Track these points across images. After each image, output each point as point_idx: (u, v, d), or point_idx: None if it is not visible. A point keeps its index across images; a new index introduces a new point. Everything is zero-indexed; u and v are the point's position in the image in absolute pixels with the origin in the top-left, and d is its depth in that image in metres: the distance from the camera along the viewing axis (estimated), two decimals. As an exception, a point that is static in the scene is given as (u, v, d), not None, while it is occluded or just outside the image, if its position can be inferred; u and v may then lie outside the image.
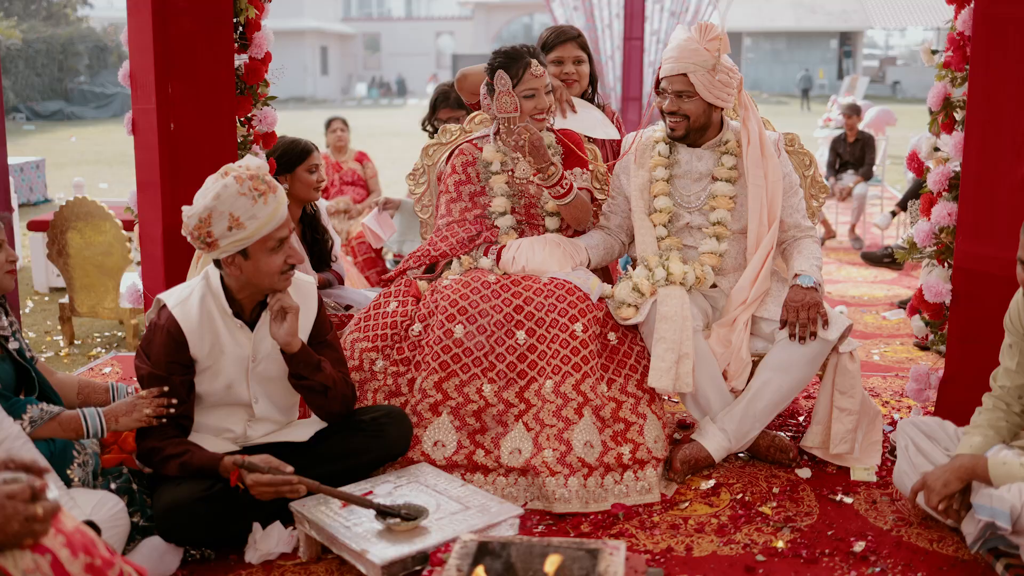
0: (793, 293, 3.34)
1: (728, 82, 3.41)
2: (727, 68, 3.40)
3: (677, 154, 3.57)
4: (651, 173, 3.58)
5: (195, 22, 3.51)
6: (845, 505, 3.15)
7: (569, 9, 10.89)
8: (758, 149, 3.43)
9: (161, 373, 2.84)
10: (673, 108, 3.46)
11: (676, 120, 3.48)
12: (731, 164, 3.49)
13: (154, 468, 2.85)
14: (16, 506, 1.64)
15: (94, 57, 30.76)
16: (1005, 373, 2.93)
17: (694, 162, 3.55)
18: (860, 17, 35.56)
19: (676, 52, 3.43)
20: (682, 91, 3.44)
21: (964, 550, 2.84)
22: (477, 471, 3.17)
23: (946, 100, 3.40)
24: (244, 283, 2.86)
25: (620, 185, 3.69)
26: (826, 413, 3.41)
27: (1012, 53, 3.11)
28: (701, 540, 2.92)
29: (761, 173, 3.42)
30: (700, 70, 3.39)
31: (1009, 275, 3.16)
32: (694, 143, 3.54)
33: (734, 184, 3.49)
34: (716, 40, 3.39)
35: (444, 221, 3.63)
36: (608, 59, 10.62)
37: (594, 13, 10.80)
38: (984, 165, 3.21)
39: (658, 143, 3.59)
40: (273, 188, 2.78)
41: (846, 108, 10.03)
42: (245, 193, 2.72)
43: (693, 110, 3.45)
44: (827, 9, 35.87)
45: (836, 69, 37.36)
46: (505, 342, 3.28)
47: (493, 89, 3.53)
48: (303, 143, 4.05)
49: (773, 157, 3.45)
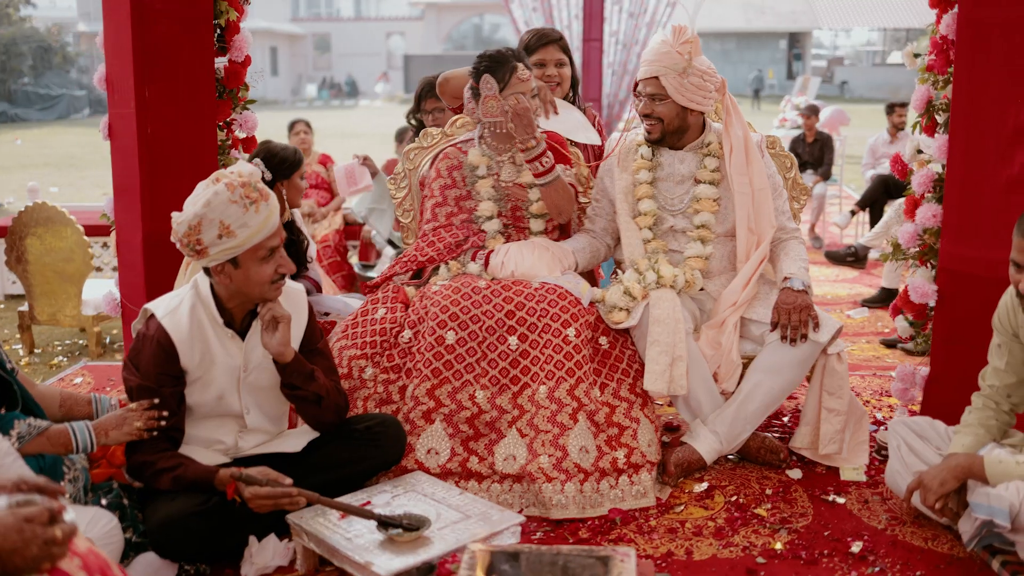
0: (784, 296, 3.35)
1: (703, 85, 3.42)
2: (701, 71, 3.41)
3: (660, 157, 3.58)
4: (634, 176, 3.58)
5: (174, 24, 3.44)
6: (838, 505, 3.18)
7: (528, 10, 10.89)
8: (742, 155, 3.45)
9: (151, 385, 2.77)
10: (647, 111, 3.48)
11: (651, 123, 3.49)
12: (714, 166, 3.50)
13: (145, 482, 2.78)
14: (35, 529, 1.59)
15: (38, 58, 30.11)
16: (994, 372, 2.97)
17: (676, 165, 3.56)
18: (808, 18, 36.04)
19: (650, 55, 3.45)
20: (655, 94, 3.45)
21: (958, 548, 2.87)
22: (471, 478, 3.14)
23: (929, 103, 3.44)
24: (234, 292, 2.80)
25: (604, 188, 3.68)
26: (814, 414, 3.43)
27: (995, 56, 3.15)
28: (700, 543, 2.92)
29: (746, 180, 3.44)
30: (671, 73, 3.40)
31: (993, 276, 3.22)
32: (675, 146, 3.55)
33: (717, 186, 3.50)
34: (688, 43, 3.40)
35: (430, 226, 3.60)
36: (567, 60, 10.62)
37: (553, 14, 10.80)
38: (968, 167, 3.25)
39: (640, 146, 3.60)
40: (265, 196, 2.72)
41: (805, 109, 10.16)
42: (236, 201, 2.66)
43: (666, 113, 3.46)
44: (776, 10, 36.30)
45: (785, 69, 37.84)
46: (497, 348, 3.26)
47: (478, 93, 3.51)
48: (294, 149, 4.01)
49: (758, 162, 3.47)
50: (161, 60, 3.44)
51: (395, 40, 45.75)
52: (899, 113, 9.44)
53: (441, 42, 42.85)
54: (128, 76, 3.39)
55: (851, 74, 37.64)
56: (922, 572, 2.74)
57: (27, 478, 1.70)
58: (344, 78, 43.44)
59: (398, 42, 45.55)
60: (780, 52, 37.96)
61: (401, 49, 44.31)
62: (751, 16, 35.88)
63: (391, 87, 40.46)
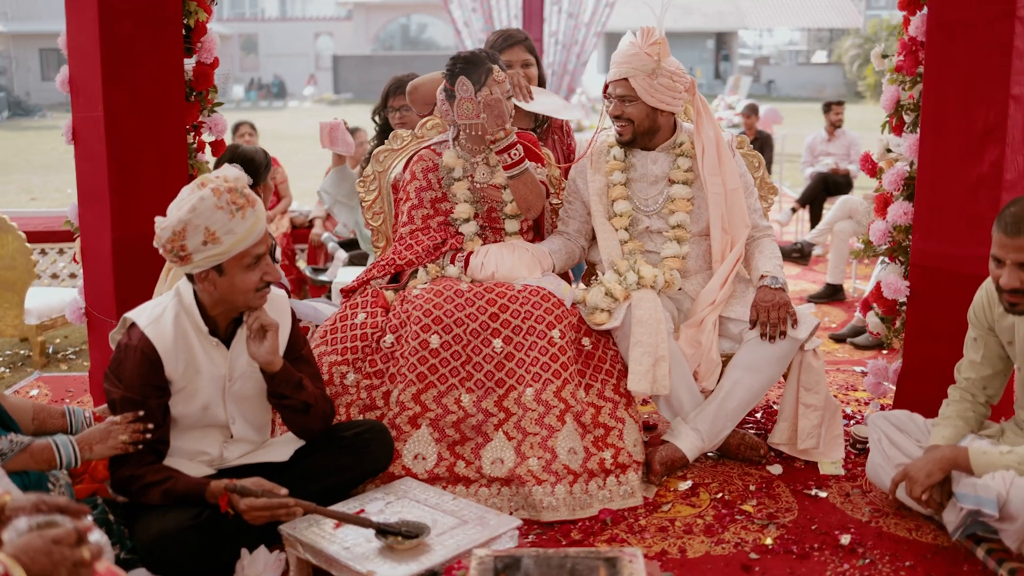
0: (763, 294, 3.40)
1: (672, 86, 3.45)
2: (670, 72, 3.44)
3: (632, 158, 3.60)
4: (608, 177, 3.60)
5: (142, 25, 3.35)
6: (821, 499, 3.23)
7: (467, 11, 10.87)
8: (714, 155, 3.48)
9: (135, 397, 2.70)
10: (617, 112, 3.50)
11: (622, 125, 3.52)
12: (687, 166, 3.53)
13: (132, 497, 2.70)
14: (63, 551, 1.53)
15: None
16: (970, 365, 3.04)
17: (649, 165, 3.58)
18: (735, 18, 36.61)
19: (619, 57, 3.47)
20: (624, 95, 3.47)
21: (942, 537, 2.94)
22: (459, 483, 3.12)
23: (898, 103, 3.51)
24: (218, 299, 2.74)
25: (577, 189, 3.69)
26: (792, 410, 3.48)
27: (964, 57, 3.23)
28: (692, 541, 2.94)
29: (719, 180, 3.48)
30: (640, 74, 3.42)
31: (964, 271, 3.31)
32: (647, 146, 3.58)
33: (690, 186, 3.53)
34: (656, 45, 3.44)
35: (407, 229, 3.56)
36: (507, 60, 10.63)
37: (492, 15, 10.80)
38: (938, 165, 3.33)
39: (612, 147, 3.62)
40: (252, 202, 2.66)
41: (745, 108, 10.33)
42: (223, 207, 2.60)
43: (636, 114, 3.48)
44: (703, 10, 36.80)
45: (713, 69, 38.39)
46: (482, 351, 3.24)
47: (453, 95, 3.48)
48: (263, 150, 3.94)
49: (731, 162, 3.51)
50: (129, 61, 3.35)
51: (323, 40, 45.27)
52: (835, 111, 9.65)
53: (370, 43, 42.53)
54: (95, 78, 3.29)
55: (777, 73, 38.35)
56: (911, 562, 2.80)
57: (46, 498, 1.64)
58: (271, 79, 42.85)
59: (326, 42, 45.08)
60: (707, 52, 38.50)
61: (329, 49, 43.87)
62: (678, 16, 36.29)
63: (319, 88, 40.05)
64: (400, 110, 4.59)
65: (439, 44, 49.72)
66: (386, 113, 4.69)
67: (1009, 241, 2.61)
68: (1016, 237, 2.60)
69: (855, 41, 32.48)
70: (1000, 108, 3.16)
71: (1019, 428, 2.96)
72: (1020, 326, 2.85)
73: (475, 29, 10.87)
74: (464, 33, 11.00)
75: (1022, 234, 2.59)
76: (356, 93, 36.22)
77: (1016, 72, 3.14)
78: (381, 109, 4.70)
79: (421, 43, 50.62)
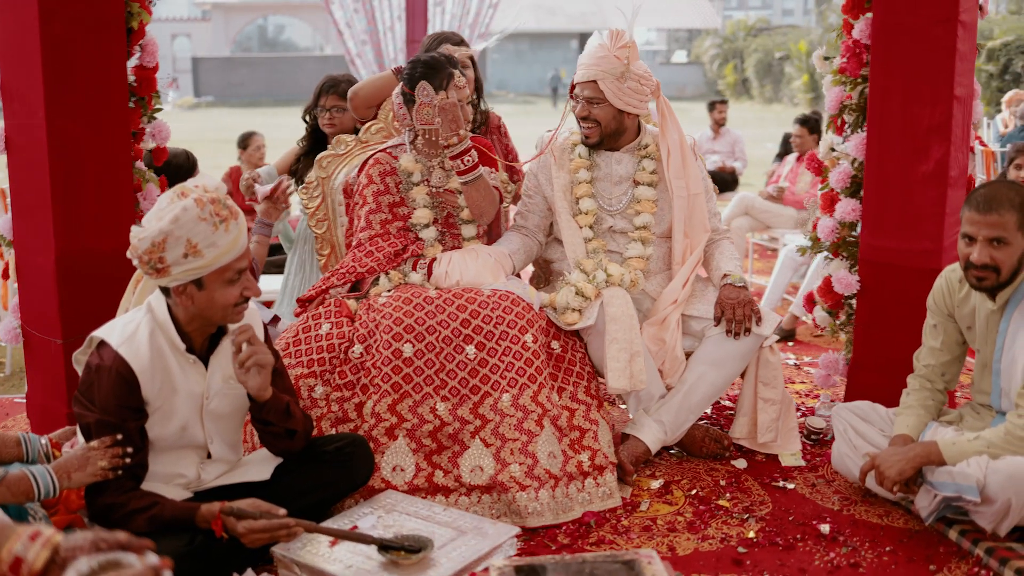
0: (727, 291, 3.46)
1: (639, 89, 3.49)
2: (638, 75, 3.47)
3: (596, 157, 3.62)
4: (573, 175, 3.60)
5: (82, 27, 3.15)
6: (790, 491, 3.31)
7: (349, 11, 10.70)
8: (679, 159, 3.53)
9: (112, 420, 2.54)
10: (584, 113, 3.52)
11: (589, 127, 3.53)
12: (652, 168, 3.57)
13: (113, 526, 2.54)
14: (142, 593, 1.43)
15: None
16: (929, 352, 3.18)
17: (613, 165, 3.61)
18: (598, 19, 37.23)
19: (588, 59, 3.48)
20: (592, 97, 3.49)
21: (913, 521, 3.06)
22: (438, 493, 3.07)
23: (841, 104, 3.64)
24: (194, 314, 2.61)
25: (539, 184, 3.68)
26: (751, 405, 3.56)
27: (907, 59, 3.38)
28: (678, 539, 2.97)
29: (683, 184, 3.53)
30: (609, 77, 3.44)
31: (911, 265, 3.47)
32: (612, 147, 3.60)
33: (655, 188, 3.57)
34: (625, 48, 3.46)
35: (366, 235, 3.48)
36: (391, 62, 10.54)
37: (375, 15, 10.68)
38: (885, 163, 3.46)
39: (577, 145, 3.63)
40: (235, 214, 2.55)
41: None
42: (206, 218, 2.48)
43: (603, 116, 3.50)
44: (566, 11, 37.31)
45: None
46: (455, 358, 3.20)
47: (412, 99, 3.42)
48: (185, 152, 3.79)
49: (694, 166, 3.57)
50: (71, 65, 3.14)
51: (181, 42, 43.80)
52: (719, 110, 9.96)
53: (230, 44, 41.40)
54: (35, 83, 3.08)
55: (638, 73, 39.18)
56: (891, 547, 2.90)
57: (104, 535, 1.52)
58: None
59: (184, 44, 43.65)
60: (571, 52, 39.03)
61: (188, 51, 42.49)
62: (542, 17, 36.72)
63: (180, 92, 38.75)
64: (331, 110, 4.45)
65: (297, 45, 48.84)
66: (316, 112, 4.54)
67: (981, 218, 2.79)
68: (988, 214, 2.78)
69: (715, 41, 33.55)
70: (945, 108, 3.31)
71: (976, 413, 3.11)
72: (980, 310, 3.00)
73: (357, 30, 10.71)
74: (346, 34, 10.82)
75: (993, 211, 2.78)
76: (217, 96, 35.19)
77: (959, 74, 3.30)
78: (312, 109, 4.56)
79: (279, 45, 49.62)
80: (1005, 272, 2.83)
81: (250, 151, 7.70)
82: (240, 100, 31.73)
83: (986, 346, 3.01)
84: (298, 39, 49.20)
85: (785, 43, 30.11)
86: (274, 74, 35.12)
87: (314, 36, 45.25)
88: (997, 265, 2.82)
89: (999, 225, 2.78)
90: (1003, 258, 2.81)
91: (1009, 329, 2.91)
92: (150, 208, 3.54)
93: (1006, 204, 2.79)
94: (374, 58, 10.67)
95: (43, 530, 1.51)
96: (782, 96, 30.64)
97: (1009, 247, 2.80)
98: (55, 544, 1.52)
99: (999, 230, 2.78)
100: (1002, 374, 2.96)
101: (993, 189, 2.83)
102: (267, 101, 32.45)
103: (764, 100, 31.64)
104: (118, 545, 1.52)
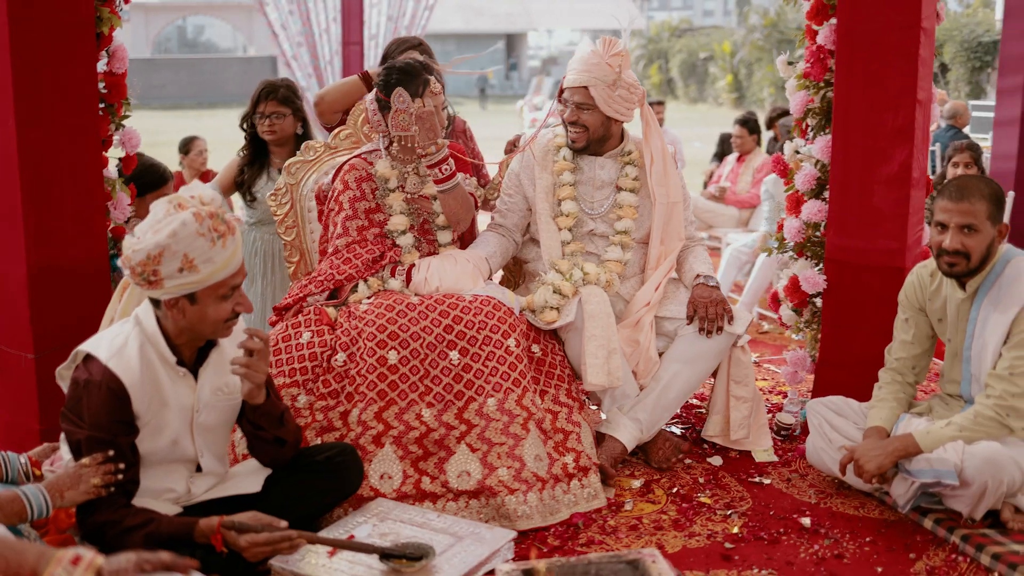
0: (700, 291, 3.53)
1: (628, 97, 3.54)
2: (628, 84, 3.52)
3: (580, 161, 3.65)
4: (557, 177, 3.63)
5: (53, 32, 3.07)
6: (767, 486, 3.39)
7: (284, 13, 10.58)
8: (661, 168, 3.59)
9: (103, 436, 2.50)
10: (573, 118, 3.54)
11: (577, 132, 3.56)
12: (635, 175, 3.62)
13: (108, 545, 2.48)
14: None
15: None
16: (901, 345, 3.29)
17: (596, 170, 3.64)
18: (524, 19, 37.45)
19: (579, 64, 3.51)
20: (582, 103, 3.52)
21: (887, 512, 3.16)
22: (426, 499, 3.07)
23: (806, 107, 3.73)
24: (185, 328, 2.58)
25: (520, 184, 3.71)
26: (723, 403, 3.64)
27: (870, 63, 3.47)
28: (666, 537, 3.02)
29: (665, 191, 3.58)
30: (600, 84, 3.48)
31: (876, 264, 3.58)
32: (595, 152, 3.64)
33: (637, 194, 3.62)
34: (618, 56, 3.51)
35: (343, 241, 3.46)
36: (327, 64, 10.47)
37: (310, 17, 10.57)
38: (851, 166, 3.56)
39: (561, 148, 3.66)
40: (232, 229, 2.53)
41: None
42: (204, 233, 2.45)
43: (592, 122, 3.54)
44: (493, 12, 37.41)
45: (504, 70, 39.10)
46: (439, 364, 3.20)
47: (387, 105, 3.41)
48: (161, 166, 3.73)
49: (675, 174, 3.63)
50: (39, 72, 3.06)
51: (98, 42, 42.78)
52: (657, 111, 10.09)
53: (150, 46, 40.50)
54: (5, 90, 2.98)
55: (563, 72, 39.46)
56: (870, 538, 2.99)
57: (147, 556, 1.50)
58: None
59: (101, 44, 42.63)
60: (498, 53, 39.16)
61: (105, 52, 41.50)
62: (469, 17, 36.76)
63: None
64: (271, 117, 4.36)
65: (218, 46, 48.02)
66: (255, 120, 4.44)
67: (953, 206, 2.95)
68: (960, 202, 2.95)
69: (639, 42, 33.92)
70: (908, 112, 3.42)
71: (945, 403, 3.23)
72: (951, 300, 3.12)
73: (292, 32, 10.58)
74: (281, 36, 10.67)
75: (965, 200, 2.94)
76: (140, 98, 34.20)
77: (921, 78, 3.41)
78: (250, 116, 4.46)
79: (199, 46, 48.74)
80: (975, 259, 2.98)
81: (192, 156, 7.56)
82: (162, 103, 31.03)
83: (957, 335, 3.13)
84: (219, 40, 48.38)
85: (709, 44, 30.60)
86: (197, 76, 34.44)
87: (235, 36, 44.55)
88: (968, 251, 2.97)
89: (970, 213, 2.94)
90: (973, 245, 2.96)
91: (979, 316, 3.04)
92: (120, 217, 3.52)
93: (977, 194, 2.95)
94: (309, 60, 10.57)
95: (83, 554, 1.48)
96: (707, 96, 31.13)
97: (979, 234, 2.96)
98: (98, 567, 1.50)
99: (970, 218, 2.94)
100: (972, 360, 3.08)
101: (965, 180, 3.02)
102: (190, 104, 31.81)
103: (689, 100, 32.11)
104: (162, 566, 1.50)
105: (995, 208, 2.99)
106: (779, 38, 25.07)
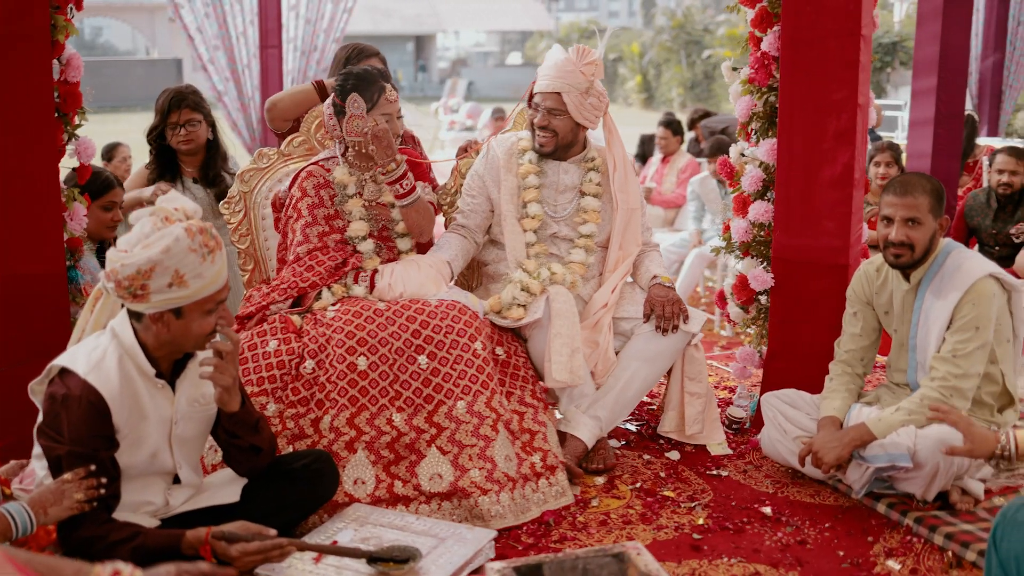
0: (656, 291, 3.64)
1: (598, 105, 3.63)
2: (598, 92, 3.61)
3: (544, 164, 3.72)
4: (521, 180, 3.70)
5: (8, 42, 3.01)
6: (725, 477, 3.51)
7: (200, 16, 10.40)
8: (623, 174, 3.69)
9: (84, 451, 2.47)
10: (544, 123, 3.62)
11: (546, 136, 3.63)
12: (598, 180, 3.71)
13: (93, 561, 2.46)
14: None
15: None
16: (850, 338, 3.45)
17: (560, 175, 3.72)
18: (433, 21, 37.40)
19: (553, 71, 3.58)
20: (554, 108, 3.60)
21: (841, 499, 3.30)
22: (399, 503, 3.10)
23: (752, 112, 3.87)
24: (166, 341, 2.56)
25: (484, 186, 3.76)
26: (678, 399, 3.75)
27: (813, 69, 3.62)
28: (636, 531, 3.11)
29: (626, 197, 3.68)
30: (574, 91, 3.57)
31: (821, 261, 3.74)
32: (560, 157, 3.72)
33: (600, 199, 3.71)
34: (592, 64, 3.59)
35: (304, 248, 3.46)
36: (245, 68, 10.33)
37: (227, 20, 10.41)
38: (795, 167, 3.71)
39: (526, 151, 3.72)
40: (219, 244, 2.54)
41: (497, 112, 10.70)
42: (196, 249, 2.45)
43: (562, 127, 3.62)
44: (402, 13, 37.25)
45: (413, 72, 38.99)
46: (408, 368, 3.24)
47: (343, 111, 3.43)
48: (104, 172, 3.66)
49: (634, 181, 3.74)
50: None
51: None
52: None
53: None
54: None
55: (475, 75, 39.56)
56: (829, 523, 3.13)
57: (186, 567, 1.51)
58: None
59: (-7, 46, 41.15)
60: (407, 55, 39.03)
61: None
62: (378, 19, 36.52)
63: None
64: (186, 125, 4.28)
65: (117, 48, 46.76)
66: (165, 131, 4.37)
67: (899, 200, 3.15)
68: (904, 196, 3.14)
69: (549, 43, 34.20)
70: (850, 116, 3.58)
71: (892, 392, 3.40)
72: (897, 292, 3.30)
73: (209, 35, 10.40)
74: (197, 39, 10.48)
75: (909, 194, 3.14)
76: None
77: (861, 83, 3.57)
78: (158, 128, 4.32)
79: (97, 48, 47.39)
80: (919, 250, 3.17)
81: (116, 163, 7.40)
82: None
83: (902, 326, 3.30)
84: (117, 42, 47.10)
85: (618, 45, 31.01)
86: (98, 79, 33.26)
87: (135, 38, 43.43)
88: (912, 243, 3.15)
89: (914, 207, 3.13)
90: (917, 237, 3.15)
91: (923, 306, 3.22)
92: (77, 228, 3.46)
93: (919, 189, 3.15)
94: (227, 63, 10.41)
95: (122, 567, 1.49)
96: (616, 97, 31.55)
97: (922, 227, 3.15)
98: (135, 581, 1.51)
99: (914, 211, 3.13)
100: (918, 349, 3.26)
101: (909, 177, 3.24)
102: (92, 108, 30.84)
103: (598, 100, 32.45)
104: None
105: (936, 202, 3.18)
106: (687, 39, 25.57)
